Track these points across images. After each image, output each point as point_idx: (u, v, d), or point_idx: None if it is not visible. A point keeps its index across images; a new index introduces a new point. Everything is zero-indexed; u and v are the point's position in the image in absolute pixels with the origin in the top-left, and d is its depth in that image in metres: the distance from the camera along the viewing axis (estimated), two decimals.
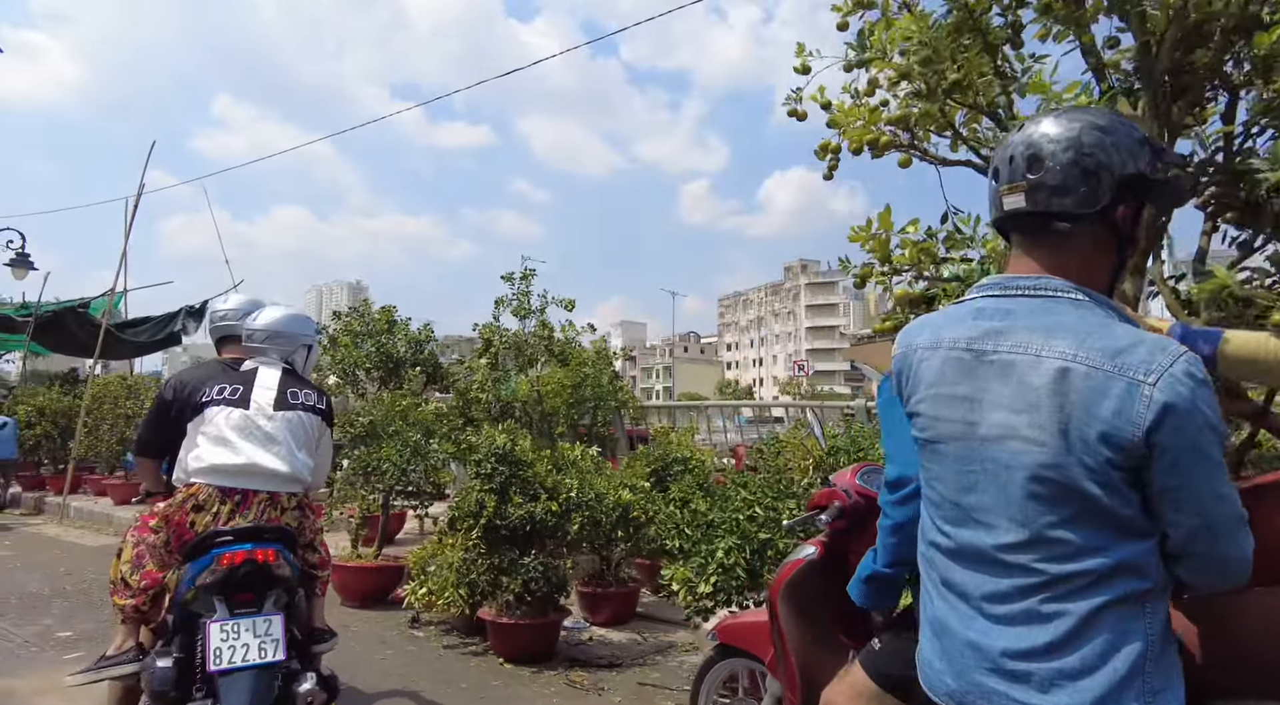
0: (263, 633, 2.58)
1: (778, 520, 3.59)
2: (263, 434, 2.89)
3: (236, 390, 2.97)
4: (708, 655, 2.79)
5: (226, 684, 2.49)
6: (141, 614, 2.89)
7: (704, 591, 3.50)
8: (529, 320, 6.97)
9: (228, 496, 2.79)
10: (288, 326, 3.17)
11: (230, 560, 2.60)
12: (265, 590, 2.69)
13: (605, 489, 4.69)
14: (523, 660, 4.44)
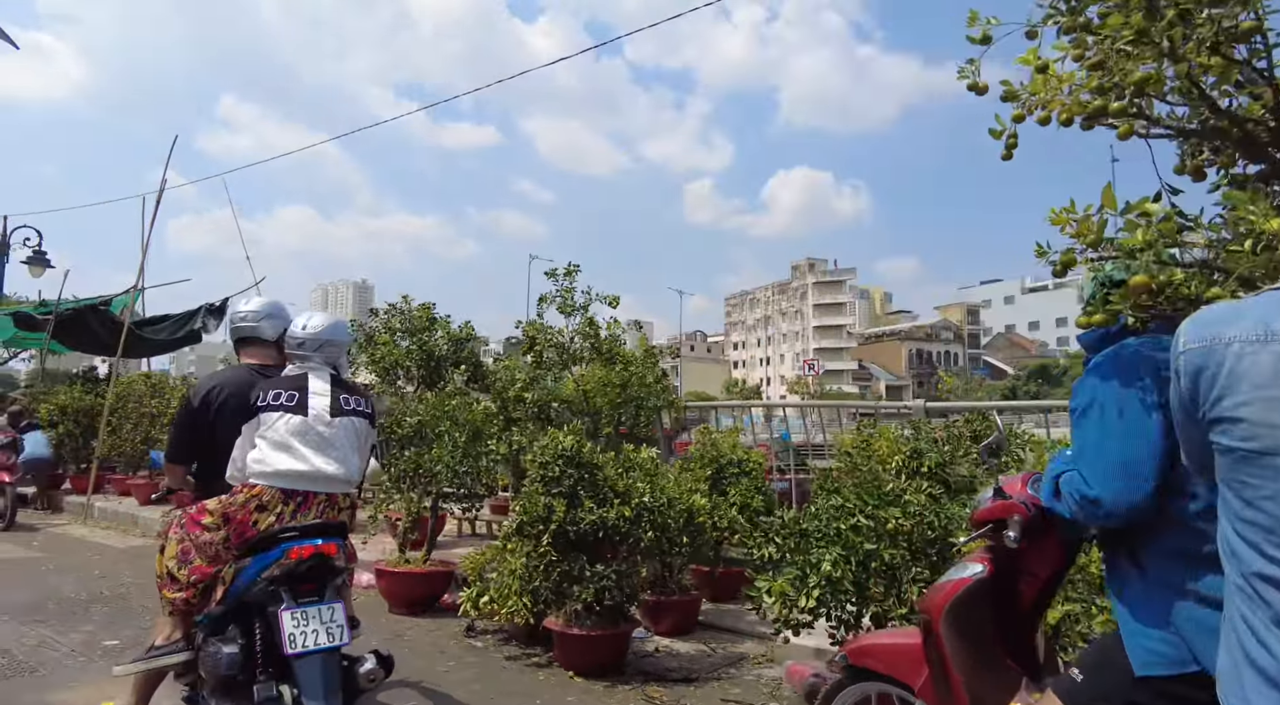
0: (328, 619, 2.80)
1: (880, 530, 3.38)
2: (322, 440, 3.03)
3: (293, 396, 3.08)
4: (835, 678, 2.58)
5: (302, 666, 2.68)
6: (191, 606, 3.02)
7: (806, 605, 3.28)
8: (574, 317, 6.76)
9: (290, 498, 2.96)
10: (335, 333, 3.30)
11: (299, 553, 2.81)
12: (324, 581, 2.90)
13: (676, 493, 4.48)
14: (592, 673, 4.23)
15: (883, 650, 2.36)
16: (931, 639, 2.16)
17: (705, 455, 5.90)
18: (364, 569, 6.58)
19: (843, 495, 3.63)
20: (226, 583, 2.92)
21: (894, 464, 4.23)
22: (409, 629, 5.16)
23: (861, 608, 3.37)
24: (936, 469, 4.12)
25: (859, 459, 4.17)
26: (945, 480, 4.06)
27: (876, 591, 3.27)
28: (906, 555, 3.35)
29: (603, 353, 6.59)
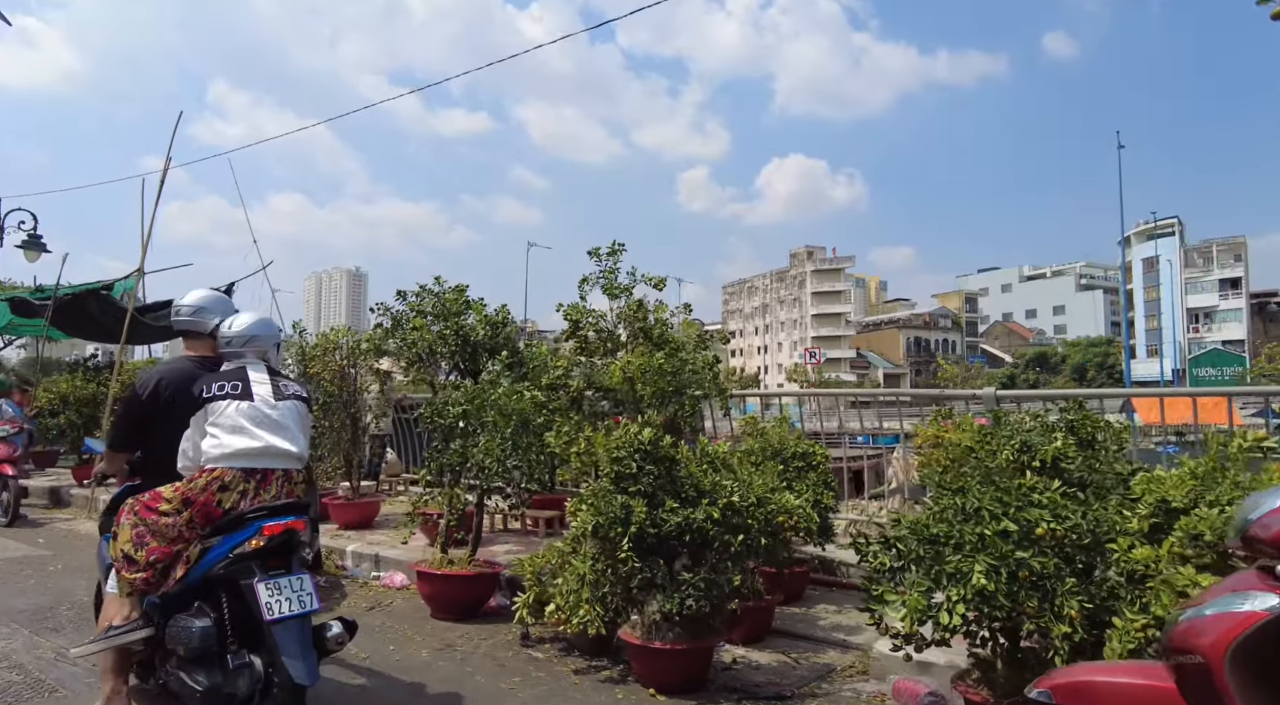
0: (299, 588, 3.10)
1: (1029, 535, 2.96)
2: (272, 421, 3.33)
3: (236, 386, 3.36)
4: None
5: (280, 631, 2.96)
6: (150, 586, 3.16)
7: (950, 623, 2.86)
8: (620, 300, 6.31)
9: (250, 476, 3.24)
10: (261, 329, 3.58)
11: (273, 531, 3.10)
12: (290, 554, 3.20)
13: (765, 492, 4.06)
14: (674, 690, 3.82)
15: (1110, 692, 1.95)
16: (1199, 685, 1.74)
17: (767, 447, 5.49)
18: (399, 569, 6.16)
19: (973, 495, 3.21)
20: (191, 561, 3.15)
21: (1003, 459, 3.81)
22: (458, 637, 4.74)
23: (1011, 625, 2.95)
24: (1053, 464, 3.72)
25: (979, 449, 3.73)
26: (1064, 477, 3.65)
27: (1030, 606, 2.86)
28: (1060, 564, 2.94)
29: (652, 337, 6.14)
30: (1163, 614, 2.66)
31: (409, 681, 3.99)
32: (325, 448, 7.75)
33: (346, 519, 7.39)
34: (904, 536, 3.25)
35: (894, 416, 7.26)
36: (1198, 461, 3.03)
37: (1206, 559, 2.70)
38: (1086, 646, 2.85)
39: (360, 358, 7.70)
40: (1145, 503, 2.98)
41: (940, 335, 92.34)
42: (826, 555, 5.85)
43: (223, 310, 3.75)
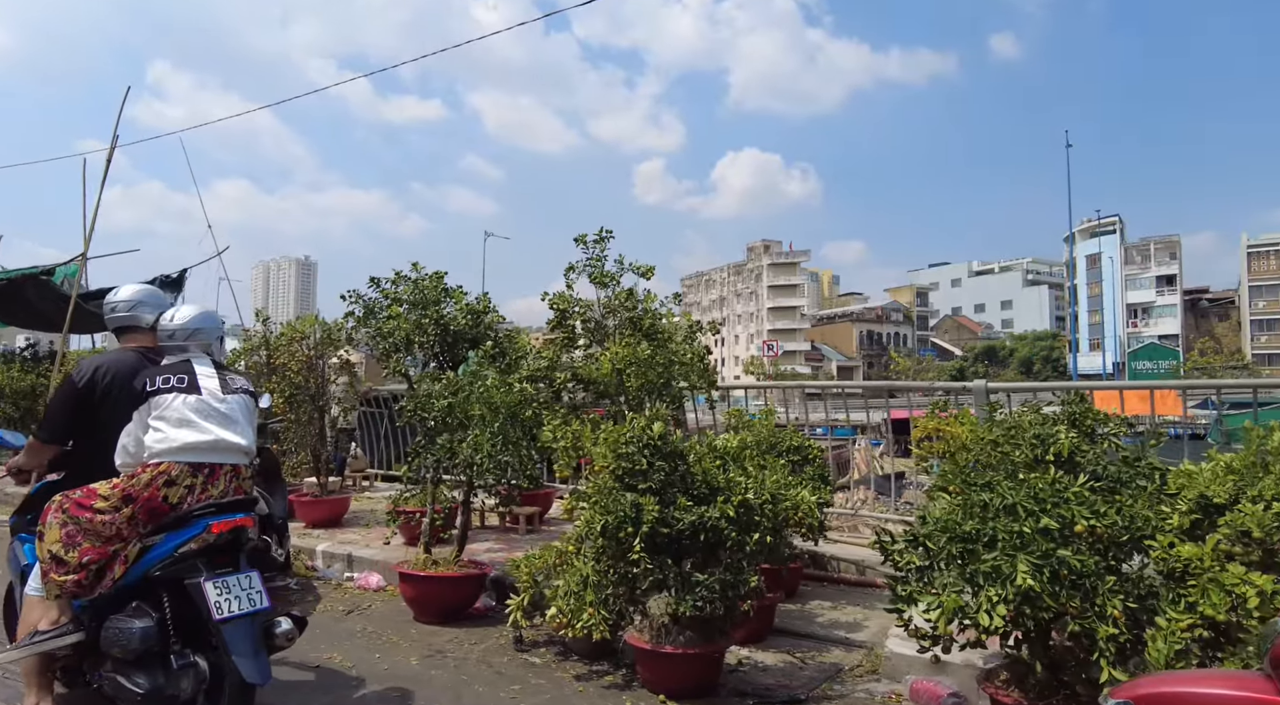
0: (248, 586, 3.04)
1: (1068, 532, 2.86)
2: (220, 414, 3.27)
3: (183, 379, 3.28)
4: None
5: (229, 630, 2.90)
6: (82, 588, 3.01)
7: (992, 624, 2.75)
8: (609, 288, 6.10)
9: (198, 471, 3.16)
10: (204, 322, 3.49)
11: (220, 529, 3.05)
12: (238, 552, 3.15)
13: (777, 489, 3.91)
14: (685, 695, 3.65)
15: (1201, 703, 1.83)
16: None
17: (763, 441, 5.35)
18: (374, 570, 5.87)
19: (1004, 491, 3.10)
20: (130, 560, 3.05)
21: (1020, 454, 3.73)
22: (447, 643, 4.49)
23: (1045, 625, 2.85)
24: (1069, 458, 3.64)
25: (1002, 441, 3.63)
26: (1083, 472, 3.58)
27: (1073, 606, 2.76)
28: (1101, 562, 2.84)
29: (643, 328, 5.94)
30: (1212, 613, 2.58)
31: (401, 693, 3.74)
32: (292, 442, 7.38)
33: (315, 517, 7.04)
34: (933, 534, 3.12)
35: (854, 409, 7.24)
36: (1234, 455, 2.97)
37: (1254, 556, 2.64)
38: (1127, 646, 2.77)
39: (329, 348, 7.33)
40: (1185, 498, 2.91)
41: (892, 328, 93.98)
42: (817, 550, 5.75)
43: (158, 304, 3.69)
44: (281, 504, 5.76)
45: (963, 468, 3.52)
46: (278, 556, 5.46)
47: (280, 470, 6.10)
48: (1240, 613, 2.52)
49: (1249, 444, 2.91)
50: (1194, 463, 3.21)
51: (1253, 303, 64.97)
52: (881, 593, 5.24)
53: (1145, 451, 3.50)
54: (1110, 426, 4.01)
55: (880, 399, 7.31)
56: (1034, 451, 3.71)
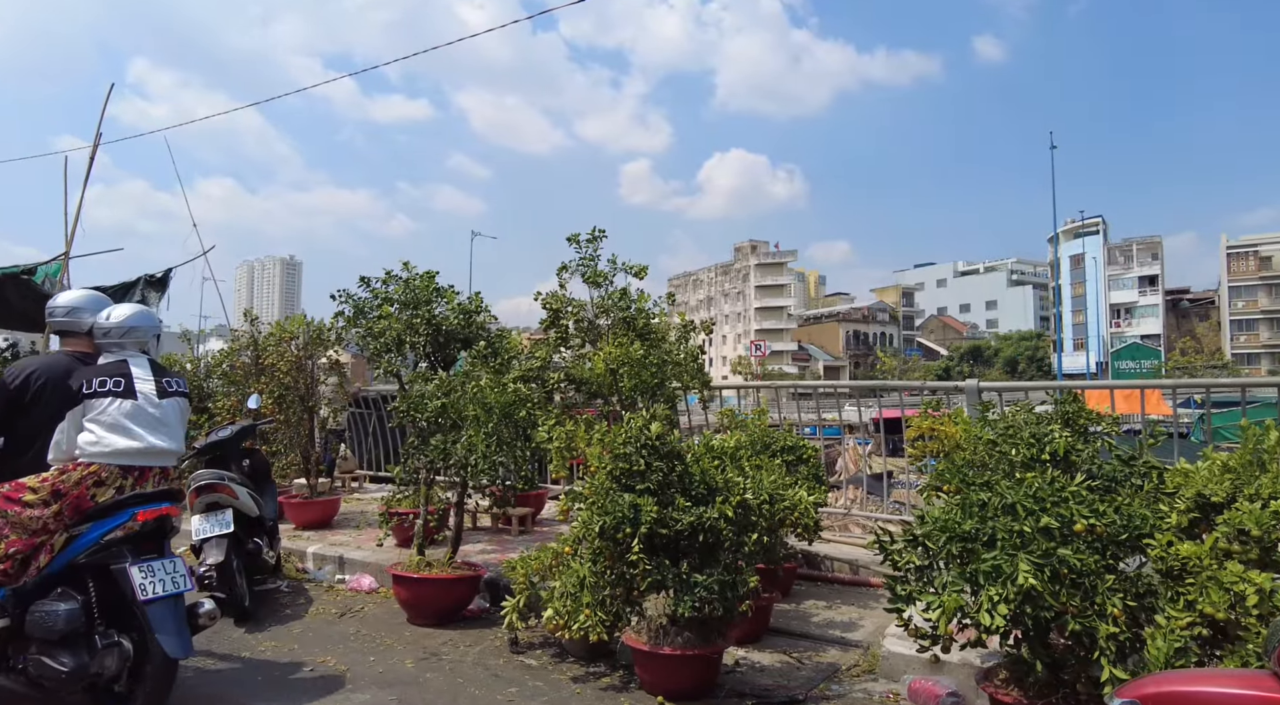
0: (172, 571, 3.25)
1: (1067, 532, 2.87)
2: (154, 420, 3.43)
3: (119, 382, 3.40)
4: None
5: (153, 611, 3.13)
6: (8, 577, 3.14)
7: (993, 624, 2.75)
8: (602, 288, 6.07)
9: (128, 473, 3.36)
10: (139, 321, 3.61)
11: (146, 517, 3.26)
12: (162, 539, 3.36)
13: (775, 489, 3.90)
14: (683, 696, 3.63)
15: (1208, 702, 1.84)
16: None
17: (757, 441, 5.35)
18: (366, 572, 5.82)
19: (1003, 490, 3.11)
20: (56, 549, 3.21)
21: (1018, 453, 3.74)
22: (442, 645, 4.46)
23: (1044, 624, 2.86)
24: (1064, 457, 3.66)
25: (1001, 442, 3.64)
26: (1078, 470, 3.60)
27: (1073, 604, 2.76)
28: (1100, 561, 2.85)
29: (636, 328, 5.92)
30: (1211, 611, 2.60)
31: (398, 696, 3.70)
32: (281, 444, 7.30)
33: (305, 519, 6.98)
34: (932, 534, 3.12)
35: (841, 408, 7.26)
36: (1230, 454, 2.99)
37: (1253, 554, 2.65)
38: (1127, 645, 2.78)
39: (318, 349, 7.26)
40: (1182, 497, 2.92)
41: (878, 328, 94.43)
42: (811, 549, 5.76)
43: (96, 308, 3.74)
44: (271, 506, 5.70)
45: (960, 467, 3.52)
46: (268, 559, 5.40)
47: (270, 472, 6.03)
48: (1239, 611, 2.53)
49: (1245, 443, 2.93)
50: (1187, 461, 3.23)
51: (1232, 303, 65.78)
52: (876, 592, 5.25)
53: (1142, 450, 3.51)
54: (1103, 425, 4.04)
55: (868, 398, 7.34)
56: (1030, 451, 3.72)
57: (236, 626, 4.78)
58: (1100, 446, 3.86)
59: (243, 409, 6.71)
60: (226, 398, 7.50)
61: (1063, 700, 2.92)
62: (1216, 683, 1.89)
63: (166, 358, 8.46)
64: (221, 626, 4.80)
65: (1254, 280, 64.96)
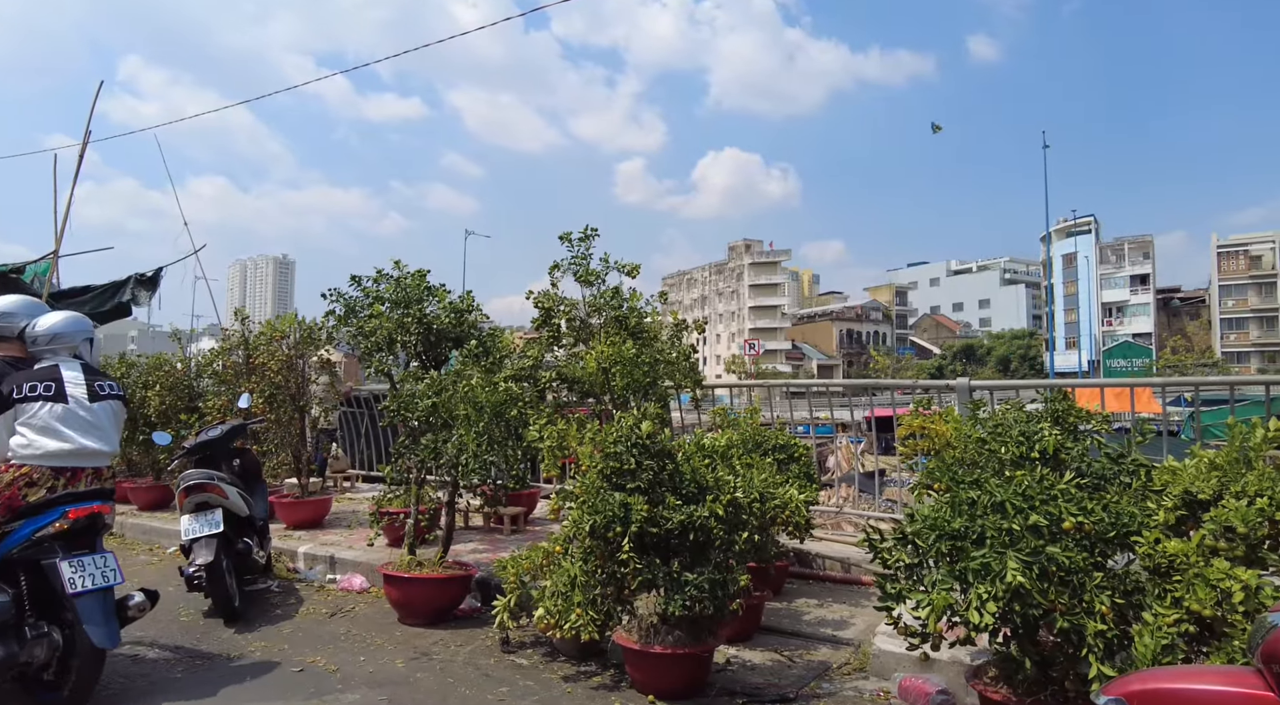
0: (102, 565, 3.44)
1: (1055, 529, 2.87)
2: (86, 422, 3.56)
3: (50, 386, 3.52)
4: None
5: (82, 603, 3.31)
6: None
7: (982, 622, 2.75)
8: (594, 287, 6.06)
9: (60, 474, 3.49)
10: (66, 327, 3.75)
11: (77, 515, 3.43)
12: (95, 535, 3.54)
13: (766, 488, 3.90)
14: (674, 695, 3.64)
15: (1194, 699, 1.85)
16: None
17: (749, 440, 5.35)
18: (358, 572, 5.80)
19: (992, 488, 3.11)
20: None
21: (1007, 451, 3.74)
22: (433, 645, 4.45)
23: (1032, 622, 2.87)
24: (1054, 455, 3.67)
25: (991, 441, 3.64)
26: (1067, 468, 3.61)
27: (1061, 602, 2.77)
28: (1088, 558, 2.86)
29: (628, 326, 5.92)
30: (1198, 608, 2.61)
31: (388, 696, 3.69)
32: (272, 443, 7.27)
33: (296, 518, 6.95)
34: (922, 532, 3.13)
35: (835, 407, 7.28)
36: (1217, 452, 3.00)
37: (1239, 551, 2.67)
38: (1115, 642, 2.79)
39: (309, 348, 7.23)
40: (1170, 495, 2.94)
41: (871, 327, 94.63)
42: (802, 548, 5.76)
43: (30, 313, 3.83)
44: (262, 505, 5.68)
45: (950, 465, 3.52)
46: (258, 559, 5.38)
47: (260, 471, 6.01)
48: (1225, 607, 2.54)
49: (1232, 441, 2.94)
50: (1175, 459, 3.25)
51: (1222, 302, 66.19)
52: (867, 590, 5.26)
53: (1130, 448, 3.53)
54: (1093, 424, 4.05)
55: (861, 397, 7.38)
56: (1020, 449, 3.73)
57: (226, 627, 4.76)
58: (1090, 445, 3.87)
59: (233, 408, 6.68)
60: (217, 397, 7.47)
61: (1051, 698, 2.93)
62: (1201, 679, 1.90)
63: (155, 357, 8.42)
64: (211, 627, 4.79)
65: (1244, 279, 65.38)
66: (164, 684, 3.83)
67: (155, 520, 7.53)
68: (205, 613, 5.01)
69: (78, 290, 11.70)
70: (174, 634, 4.63)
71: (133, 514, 7.88)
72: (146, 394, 7.80)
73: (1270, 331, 63.81)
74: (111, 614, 3.42)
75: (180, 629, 4.74)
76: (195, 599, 5.14)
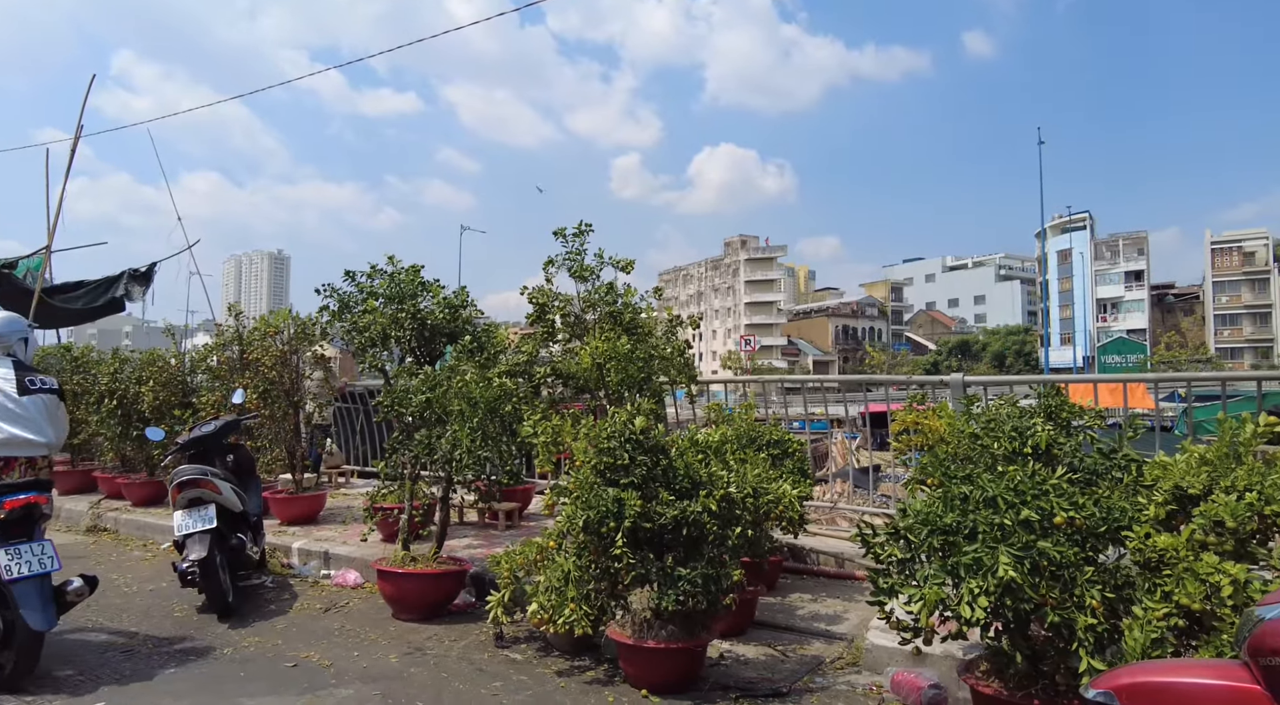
0: (39, 553, 3.67)
1: (1047, 524, 2.88)
2: (13, 414, 3.77)
3: None
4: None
5: (18, 589, 3.54)
6: None
7: (973, 616, 2.76)
8: (589, 282, 6.06)
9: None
10: (1, 328, 4.02)
11: (13, 505, 3.65)
12: (32, 525, 3.76)
13: (759, 483, 3.91)
14: (668, 690, 3.65)
15: (1182, 692, 1.86)
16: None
17: (743, 435, 5.35)
18: (352, 567, 5.80)
19: (985, 483, 3.12)
20: None
21: (999, 446, 3.76)
22: (427, 640, 4.45)
23: (1023, 616, 2.88)
24: (1045, 451, 3.68)
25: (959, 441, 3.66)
26: (1060, 464, 3.62)
27: (1052, 596, 2.78)
28: (1079, 553, 2.87)
29: (623, 322, 5.91)
30: (1187, 602, 2.62)
31: (381, 691, 3.69)
32: (266, 439, 7.26)
33: (290, 514, 6.95)
34: (914, 527, 3.14)
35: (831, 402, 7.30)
36: (1208, 447, 3.02)
37: (1228, 546, 2.68)
38: (1105, 636, 2.80)
39: (303, 343, 7.21)
40: (1160, 490, 2.95)
41: (867, 323, 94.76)
42: (796, 543, 5.78)
43: None
44: (255, 501, 5.67)
45: (942, 460, 3.53)
46: (252, 554, 5.38)
47: (254, 467, 6.00)
48: (1214, 601, 2.55)
49: (1222, 436, 2.96)
50: (1167, 454, 3.26)
51: (1216, 298, 66.39)
52: (861, 585, 5.27)
53: (1121, 443, 3.54)
54: (1085, 419, 4.06)
55: (856, 393, 7.40)
56: (1012, 444, 3.74)
57: (220, 622, 4.76)
58: (1083, 440, 3.89)
59: (227, 404, 6.66)
60: (211, 393, 7.45)
61: (1042, 691, 2.95)
62: (1189, 673, 1.91)
63: (149, 353, 8.39)
64: (205, 622, 4.78)
65: (1238, 275, 65.57)
66: (158, 679, 3.83)
67: (149, 516, 7.51)
68: (199, 608, 5.01)
69: (71, 285, 11.68)
70: (168, 629, 4.62)
71: (127, 510, 7.87)
72: (140, 389, 7.77)
73: (1263, 327, 64.06)
74: (50, 599, 3.65)
75: (174, 624, 4.73)
76: (189, 594, 5.14)
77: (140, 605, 5.13)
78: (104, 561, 6.27)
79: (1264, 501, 2.65)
